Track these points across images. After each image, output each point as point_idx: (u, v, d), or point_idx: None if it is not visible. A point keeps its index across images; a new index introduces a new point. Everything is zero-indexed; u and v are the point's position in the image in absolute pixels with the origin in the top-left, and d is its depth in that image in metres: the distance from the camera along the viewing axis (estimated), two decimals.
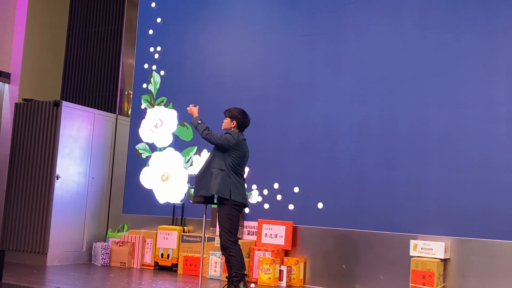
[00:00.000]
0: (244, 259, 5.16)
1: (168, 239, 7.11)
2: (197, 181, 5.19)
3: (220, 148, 5.15)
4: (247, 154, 5.29)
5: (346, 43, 6.48)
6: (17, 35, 8.44)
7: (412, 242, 5.62)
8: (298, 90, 6.71)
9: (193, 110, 5.45)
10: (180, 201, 7.36)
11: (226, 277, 5.20)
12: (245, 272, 5.09)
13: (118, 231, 7.69)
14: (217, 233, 6.73)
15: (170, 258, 7.06)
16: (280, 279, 6.17)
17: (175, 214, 7.33)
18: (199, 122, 5.29)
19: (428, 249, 5.49)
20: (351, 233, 6.10)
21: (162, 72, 7.81)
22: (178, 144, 7.53)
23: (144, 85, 7.92)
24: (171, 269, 7.04)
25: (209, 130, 5.21)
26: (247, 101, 6.97)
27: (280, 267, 6.20)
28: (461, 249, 5.51)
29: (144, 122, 7.82)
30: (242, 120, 5.31)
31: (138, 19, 8.20)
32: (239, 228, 6.55)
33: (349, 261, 6.06)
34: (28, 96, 8.02)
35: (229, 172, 5.10)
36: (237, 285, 5.00)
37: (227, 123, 5.33)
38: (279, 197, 6.63)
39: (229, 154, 5.13)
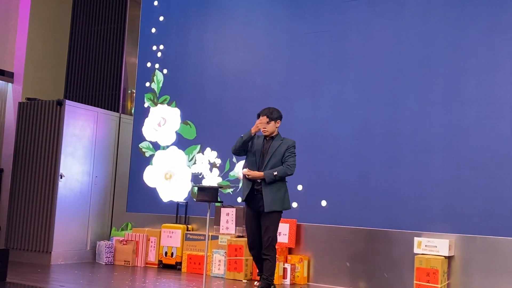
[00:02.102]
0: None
1: (172, 237, 7.11)
2: (270, 195, 5.10)
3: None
4: None
5: (349, 41, 6.46)
6: (20, 34, 8.46)
7: (416, 239, 5.61)
8: (302, 88, 6.70)
9: (256, 175, 5.13)
10: (184, 200, 7.37)
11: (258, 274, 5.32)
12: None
13: (122, 230, 7.70)
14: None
15: (174, 256, 7.07)
16: (284, 277, 6.17)
17: (179, 213, 7.33)
18: (275, 174, 5.07)
19: (432, 246, 5.48)
20: (355, 231, 6.09)
21: (165, 71, 7.81)
22: (182, 142, 7.53)
23: (147, 84, 7.92)
24: (175, 267, 7.05)
25: (284, 170, 5.10)
26: (250, 99, 6.98)
27: (284, 265, 6.19)
28: (465, 246, 5.49)
29: (147, 121, 7.82)
30: (281, 116, 5.34)
31: (140, 18, 8.20)
32: (243, 226, 6.56)
33: (353, 259, 6.06)
34: (32, 95, 8.03)
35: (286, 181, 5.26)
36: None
37: (272, 126, 5.24)
38: None
39: None
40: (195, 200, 6.59)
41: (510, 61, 5.54)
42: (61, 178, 7.16)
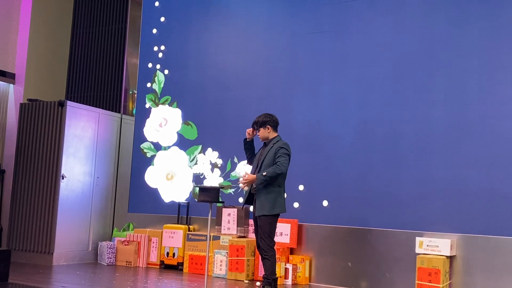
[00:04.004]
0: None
1: (173, 238, 7.12)
2: (260, 200, 5.15)
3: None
4: None
5: (350, 40, 6.46)
6: (21, 35, 8.47)
7: (417, 239, 5.60)
8: (303, 88, 6.70)
9: (250, 178, 5.20)
10: (185, 200, 7.37)
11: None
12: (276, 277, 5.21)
13: (124, 230, 7.71)
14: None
15: (175, 257, 7.07)
16: (286, 277, 6.17)
17: (180, 213, 7.34)
18: (264, 174, 5.11)
19: (434, 246, 5.48)
20: (356, 231, 6.08)
21: (166, 71, 7.81)
22: (183, 143, 7.54)
23: (149, 84, 7.93)
24: (176, 267, 7.05)
25: (273, 169, 5.10)
26: (252, 99, 6.98)
27: (285, 265, 6.19)
28: (467, 246, 5.49)
29: (148, 121, 7.83)
30: (272, 120, 5.35)
31: (141, 18, 8.21)
32: (245, 226, 6.58)
33: (354, 258, 6.05)
34: (33, 96, 8.04)
35: (282, 185, 5.25)
36: (264, 286, 5.10)
37: (263, 132, 5.34)
38: (284, 195, 6.62)
39: None
40: (196, 200, 6.59)
41: (511, 59, 5.53)
42: (63, 178, 7.17)
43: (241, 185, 5.40)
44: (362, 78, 6.32)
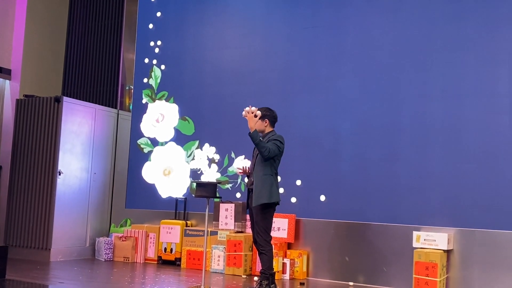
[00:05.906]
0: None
1: (171, 233, 7.11)
2: (257, 189, 5.10)
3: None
4: None
5: (347, 35, 6.45)
6: (17, 31, 8.43)
7: (415, 233, 5.61)
8: (300, 83, 6.69)
9: (253, 119, 5.09)
10: (183, 195, 7.36)
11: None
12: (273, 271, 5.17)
13: (121, 226, 7.70)
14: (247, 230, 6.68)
15: (173, 252, 7.07)
16: (283, 272, 6.18)
17: (178, 209, 7.34)
18: (261, 139, 5.11)
19: (431, 240, 5.49)
20: (354, 225, 6.09)
21: (162, 67, 7.79)
22: (180, 138, 7.52)
23: (145, 80, 7.91)
24: (174, 263, 7.05)
25: (264, 145, 5.05)
26: (249, 94, 6.97)
27: (283, 260, 6.20)
28: (464, 240, 5.50)
29: (145, 117, 7.81)
30: (271, 115, 5.31)
31: (138, 13, 8.18)
32: (242, 221, 6.58)
33: (352, 253, 6.06)
34: (29, 92, 8.01)
35: (274, 175, 5.19)
36: (262, 281, 5.07)
37: (260, 124, 5.26)
38: (281, 190, 6.61)
39: (275, 159, 5.18)
40: (194, 196, 6.58)
41: (508, 54, 5.54)
42: (60, 175, 7.15)
43: (244, 113, 5.29)
44: (360, 73, 6.31)
